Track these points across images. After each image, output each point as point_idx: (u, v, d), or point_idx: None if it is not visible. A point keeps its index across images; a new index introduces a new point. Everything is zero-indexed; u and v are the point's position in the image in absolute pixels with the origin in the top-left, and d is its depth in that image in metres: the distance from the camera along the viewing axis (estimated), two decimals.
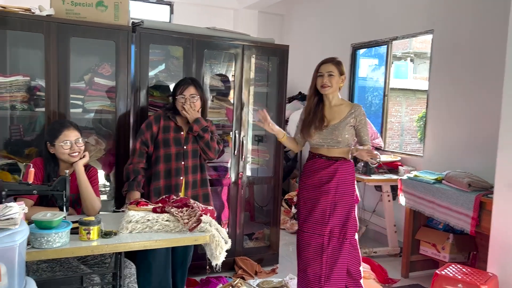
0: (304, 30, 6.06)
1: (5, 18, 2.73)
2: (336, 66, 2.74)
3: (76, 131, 2.46)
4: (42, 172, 2.38)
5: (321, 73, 2.74)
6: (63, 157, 2.39)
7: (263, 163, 4.07)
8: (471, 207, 3.03)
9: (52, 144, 2.40)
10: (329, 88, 2.73)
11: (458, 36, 3.86)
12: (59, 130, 2.41)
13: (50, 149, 2.42)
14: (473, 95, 3.72)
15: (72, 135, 2.41)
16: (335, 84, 2.74)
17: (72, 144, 2.40)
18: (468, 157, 3.73)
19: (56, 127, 2.46)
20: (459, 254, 3.51)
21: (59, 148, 2.38)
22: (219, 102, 3.71)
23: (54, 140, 2.38)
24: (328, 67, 2.73)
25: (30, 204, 2.23)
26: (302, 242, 2.83)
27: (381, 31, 4.71)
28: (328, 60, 2.76)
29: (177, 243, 2.02)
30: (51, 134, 2.42)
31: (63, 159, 2.41)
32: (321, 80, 2.73)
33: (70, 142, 2.39)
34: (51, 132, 2.43)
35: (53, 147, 2.40)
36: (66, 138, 2.38)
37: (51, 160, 2.42)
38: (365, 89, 7.69)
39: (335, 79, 2.72)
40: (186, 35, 3.30)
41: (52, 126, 2.53)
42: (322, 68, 2.74)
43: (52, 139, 2.39)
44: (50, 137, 2.41)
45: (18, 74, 2.93)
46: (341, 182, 2.75)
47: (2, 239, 1.39)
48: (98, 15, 2.99)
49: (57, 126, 2.47)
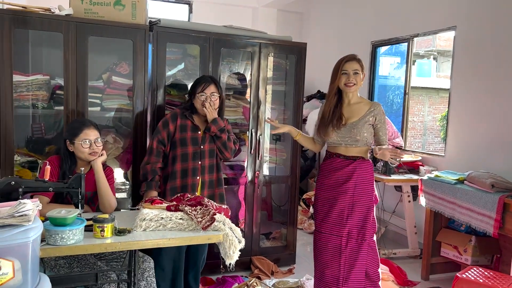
0: (323, 28, 6.00)
1: (25, 18, 2.77)
2: (359, 64, 2.69)
3: (96, 131, 2.48)
4: (57, 170, 2.41)
5: (346, 71, 2.68)
6: (82, 155, 2.42)
7: (280, 162, 4.05)
8: (494, 209, 2.93)
9: (71, 142, 2.43)
10: (354, 86, 2.68)
11: (481, 33, 3.74)
12: (80, 128, 2.44)
13: (69, 147, 2.44)
14: (496, 93, 3.61)
15: (92, 134, 2.44)
16: (360, 81, 2.69)
17: (92, 143, 2.43)
18: (491, 157, 3.62)
19: (77, 125, 2.49)
20: (481, 257, 3.41)
21: (78, 146, 2.40)
22: (236, 100, 3.70)
23: (74, 138, 2.41)
24: (354, 65, 2.67)
25: (45, 202, 2.26)
26: (319, 243, 2.79)
27: (402, 28, 4.62)
28: (352, 58, 2.70)
29: (190, 241, 2.01)
30: (71, 132, 2.45)
31: (81, 158, 2.44)
32: (346, 78, 2.67)
33: (89, 141, 2.42)
34: (72, 131, 2.46)
35: (72, 145, 2.43)
36: (86, 137, 2.41)
37: (69, 158, 2.45)
38: (386, 88, 7.57)
39: (359, 77, 2.68)
40: (203, 33, 3.30)
41: (72, 124, 2.56)
42: (347, 66, 2.68)
43: (72, 137, 2.42)
44: (70, 135, 2.44)
45: (38, 73, 2.99)
46: (359, 182, 2.69)
47: (16, 235, 1.41)
48: (116, 14, 3.02)
49: (77, 124, 2.50)
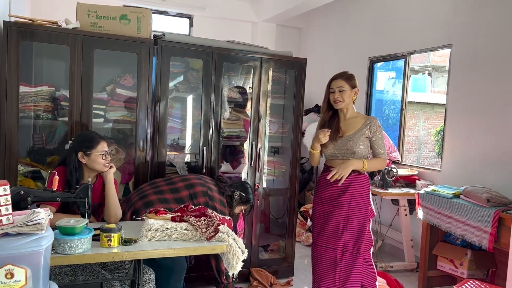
0: (322, 43, 6.11)
1: (33, 31, 2.83)
2: (346, 81, 2.76)
3: (106, 143, 2.54)
4: (63, 180, 2.44)
5: (332, 89, 2.77)
6: (98, 167, 2.45)
7: (279, 175, 4.09)
8: (489, 223, 2.99)
9: (86, 153, 2.44)
10: (341, 103, 2.75)
11: (477, 50, 3.85)
12: (97, 140, 2.47)
13: (82, 159, 2.45)
14: (492, 109, 3.70)
15: (105, 146, 2.50)
16: (347, 98, 2.76)
17: (106, 155, 2.48)
18: (487, 172, 3.69)
19: (91, 138, 2.50)
20: (477, 271, 3.45)
21: (96, 158, 2.43)
22: (237, 113, 3.76)
23: (90, 150, 2.44)
24: (338, 82, 2.76)
25: (53, 211, 2.29)
26: (316, 255, 2.83)
27: (399, 45, 4.72)
28: (337, 76, 2.79)
29: (195, 251, 2.05)
30: (87, 144, 2.46)
31: (95, 169, 2.46)
32: (332, 96, 2.77)
33: (105, 152, 2.47)
34: (87, 143, 2.47)
35: (87, 156, 2.44)
36: (103, 148, 2.46)
37: (77, 168, 2.46)
38: (382, 102, 7.67)
39: (346, 94, 2.74)
40: (206, 48, 3.37)
41: (86, 136, 2.56)
42: (333, 84, 2.78)
43: (88, 149, 2.44)
44: (85, 147, 2.45)
45: (43, 85, 3.04)
46: (355, 196, 2.74)
47: (29, 243, 1.44)
48: (121, 28, 3.09)
49: (91, 137, 2.52)
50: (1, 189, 1.50)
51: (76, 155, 2.45)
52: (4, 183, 1.52)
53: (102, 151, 2.45)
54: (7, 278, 1.40)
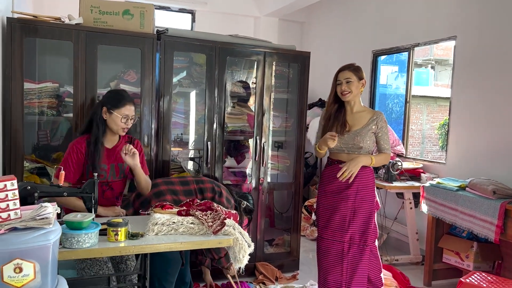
0: (324, 37, 6.08)
1: (36, 27, 2.83)
2: (353, 72, 2.75)
3: (134, 107, 2.49)
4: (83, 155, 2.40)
5: (339, 81, 2.76)
6: (115, 127, 2.43)
7: (283, 169, 4.09)
8: (496, 215, 2.98)
9: (109, 111, 2.41)
10: (349, 94, 2.74)
11: (481, 42, 3.82)
12: (122, 102, 2.42)
13: (104, 114, 2.43)
14: (496, 101, 3.68)
15: (131, 110, 2.45)
16: (355, 89, 2.74)
17: (128, 119, 2.44)
18: (492, 164, 3.68)
19: (120, 97, 2.46)
20: (483, 263, 3.45)
21: (115, 118, 2.40)
22: (241, 108, 3.75)
23: (114, 109, 2.40)
24: (345, 74, 2.75)
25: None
26: (322, 249, 2.83)
27: (403, 38, 4.70)
28: (345, 67, 2.78)
29: (201, 245, 2.05)
30: (112, 103, 2.43)
31: (112, 129, 2.45)
32: (340, 88, 2.75)
33: (127, 117, 2.43)
34: (114, 101, 2.43)
35: (109, 114, 2.42)
36: (126, 112, 2.42)
37: (100, 125, 2.43)
38: (385, 96, 7.64)
39: (353, 85, 2.73)
40: (209, 42, 3.36)
41: (115, 95, 2.51)
42: (340, 76, 2.76)
43: (112, 107, 2.41)
44: (110, 104, 2.42)
45: (47, 81, 3.04)
46: (360, 189, 2.74)
47: (37, 237, 1.45)
48: (124, 23, 3.08)
49: (120, 96, 2.47)
50: (9, 184, 1.50)
51: (101, 109, 2.44)
52: (12, 178, 1.53)
53: (124, 114, 2.41)
54: (16, 272, 1.41)
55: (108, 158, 2.49)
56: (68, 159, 2.39)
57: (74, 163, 2.39)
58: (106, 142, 2.49)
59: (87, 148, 2.41)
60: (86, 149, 2.41)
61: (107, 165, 2.48)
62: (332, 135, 2.65)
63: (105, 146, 2.49)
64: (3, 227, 1.44)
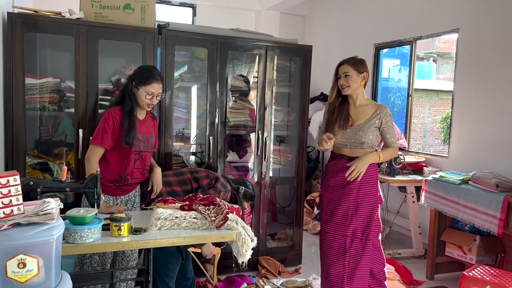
0: (326, 31, 6.05)
1: (37, 22, 2.82)
2: (352, 66, 2.72)
3: (161, 85, 2.54)
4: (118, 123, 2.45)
5: (338, 75, 2.75)
6: (140, 102, 2.50)
7: (285, 163, 4.09)
8: (498, 208, 2.98)
9: (137, 86, 2.48)
10: (348, 89, 2.72)
11: (484, 35, 3.80)
12: (150, 79, 2.48)
13: (134, 89, 2.50)
14: (499, 94, 3.66)
15: (157, 88, 2.50)
16: (354, 83, 2.72)
17: (153, 97, 2.49)
18: (495, 157, 3.66)
19: (148, 75, 2.51)
20: (486, 256, 3.45)
21: (141, 94, 2.47)
22: (242, 102, 3.74)
23: (141, 85, 2.47)
24: (344, 68, 2.73)
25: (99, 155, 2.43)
26: (324, 243, 2.83)
27: (405, 31, 4.67)
28: (344, 61, 2.77)
29: (204, 240, 2.05)
30: (140, 79, 2.49)
31: (138, 103, 2.51)
32: (339, 82, 2.74)
33: (153, 94, 2.48)
34: (142, 78, 2.49)
35: (136, 89, 2.49)
36: (152, 89, 2.48)
37: (132, 97, 2.49)
38: (387, 90, 7.62)
39: (352, 79, 2.71)
40: (211, 36, 3.35)
41: (144, 71, 2.56)
42: (339, 70, 2.75)
43: (140, 83, 2.48)
44: (139, 80, 2.49)
45: (48, 76, 3.03)
46: (363, 183, 2.73)
47: (40, 233, 1.44)
48: (125, 17, 3.07)
49: (148, 74, 2.52)
50: (12, 179, 1.50)
51: (132, 83, 2.50)
52: (14, 174, 1.52)
53: (149, 91, 2.46)
54: (20, 267, 1.41)
55: (140, 128, 2.55)
56: (105, 126, 2.44)
57: (111, 129, 2.44)
58: (138, 113, 2.55)
59: (122, 117, 2.46)
60: (121, 117, 2.46)
61: (140, 134, 2.53)
62: (329, 137, 2.64)
63: (138, 117, 2.55)
64: (6, 222, 1.43)
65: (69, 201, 3.05)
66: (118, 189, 2.53)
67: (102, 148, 2.43)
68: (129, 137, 2.44)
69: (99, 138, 2.42)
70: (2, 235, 1.40)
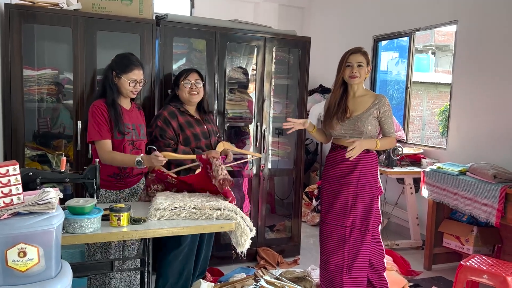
0: (325, 23, 6.03)
1: (34, 13, 2.81)
2: (364, 56, 2.71)
3: (142, 71, 2.52)
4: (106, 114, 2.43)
5: (350, 63, 2.71)
6: (124, 91, 2.48)
7: (284, 155, 4.10)
8: (496, 199, 2.99)
9: (118, 75, 2.45)
10: (357, 79, 2.71)
11: (483, 26, 3.79)
12: (129, 66, 2.45)
13: (115, 79, 2.47)
14: (497, 86, 3.66)
15: (138, 74, 2.48)
16: (364, 74, 2.72)
17: (136, 83, 2.47)
18: (493, 149, 3.68)
19: (127, 62, 2.48)
20: (483, 247, 3.47)
21: (124, 83, 2.45)
22: (241, 94, 3.74)
23: (121, 73, 2.44)
24: (358, 57, 2.70)
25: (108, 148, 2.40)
26: (324, 233, 2.85)
27: (404, 22, 4.66)
28: (357, 50, 2.73)
29: (203, 230, 2.06)
30: (120, 67, 2.46)
31: (121, 93, 2.49)
32: (350, 71, 2.70)
33: (135, 81, 2.46)
34: (121, 66, 2.46)
35: (118, 78, 2.46)
36: (134, 76, 2.45)
37: (113, 88, 2.46)
38: (386, 83, 7.61)
39: (363, 70, 2.70)
40: (209, 28, 3.34)
41: (122, 59, 2.52)
42: (351, 58, 2.71)
43: (120, 72, 2.45)
44: (119, 69, 2.46)
45: (46, 68, 3.02)
46: (363, 173, 2.74)
47: (40, 222, 1.45)
48: (123, 9, 3.05)
49: (127, 61, 2.49)
50: (11, 169, 1.51)
51: (112, 73, 2.47)
52: (14, 163, 1.53)
53: (132, 79, 2.44)
54: (20, 256, 1.42)
55: (128, 118, 2.52)
56: (96, 119, 2.40)
57: (103, 120, 2.41)
58: (122, 104, 2.53)
59: (107, 108, 2.44)
60: (107, 108, 2.44)
61: (130, 124, 2.51)
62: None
63: (123, 107, 2.53)
64: (6, 212, 1.44)
65: (68, 193, 3.06)
66: (120, 182, 2.51)
67: (106, 140, 2.40)
68: (119, 125, 2.42)
69: (97, 132, 2.38)
70: (2, 224, 1.41)
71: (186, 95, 2.83)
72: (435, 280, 3.49)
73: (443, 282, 3.47)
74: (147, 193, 2.44)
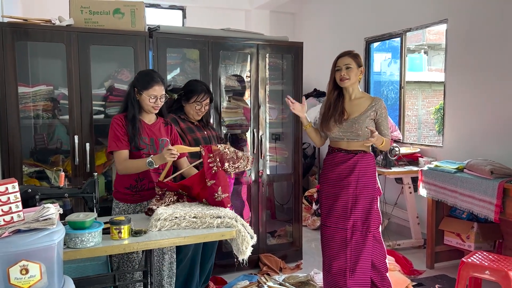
0: (316, 27, 6.07)
1: (27, 30, 2.82)
2: (353, 59, 2.75)
3: (163, 87, 2.54)
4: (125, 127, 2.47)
5: (338, 67, 2.76)
6: (146, 107, 2.51)
7: (282, 161, 4.10)
8: (494, 194, 3.01)
9: (139, 92, 2.49)
10: (347, 81, 2.74)
11: (473, 25, 3.83)
12: (150, 83, 2.48)
13: (137, 95, 2.51)
14: (490, 82, 3.70)
15: (159, 90, 2.50)
16: (354, 76, 2.75)
17: (157, 99, 2.49)
18: (488, 145, 3.70)
19: (147, 79, 2.51)
20: (484, 243, 3.48)
21: (145, 99, 2.47)
22: (236, 102, 3.75)
23: (142, 90, 2.47)
24: (345, 60, 2.75)
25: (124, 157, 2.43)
26: (325, 236, 2.85)
27: (395, 23, 4.70)
28: (344, 53, 2.78)
29: (204, 239, 2.06)
30: (141, 84, 2.49)
31: (143, 108, 2.52)
32: (339, 74, 2.75)
33: (156, 96, 2.48)
34: (142, 83, 2.50)
35: (139, 95, 2.49)
36: (154, 92, 2.47)
37: (135, 104, 2.50)
38: (380, 84, 7.65)
39: (353, 72, 2.73)
40: (202, 37, 3.36)
41: (143, 76, 2.56)
42: (340, 62, 2.76)
43: (141, 88, 2.48)
44: (140, 86, 2.49)
45: (41, 84, 3.03)
46: (361, 175, 2.75)
47: (41, 238, 1.45)
48: (115, 22, 3.07)
49: (148, 78, 2.52)
50: (10, 187, 1.51)
51: (134, 90, 2.51)
52: (13, 181, 1.53)
53: (152, 95, 2.47)
54: (22, 274, 1.42)
55: (148, 132, 2.55)
56: (115, 131, 2.45)
57: (122, 133, 2.45)
58: (144, 118, 2.56)
59: (126, 122, 2.48)
60: (125, 122, 2.48)
61: (147, 138, 2.53)
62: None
63: (145, 121, 2.56)
64: (7, 229, 1.44)
65: (67, 208, 3.05)
66: (137, 194, 2.52)
67: (122, 150, 2.44)
68: (135, 140, 2.46)
69: (115, 143, 2.43)
70: (4, 242, 1.41)
71: (192, 113, 2.97)
72: (438, 279, 3.50)
73: (446, 280, 3.47)
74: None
